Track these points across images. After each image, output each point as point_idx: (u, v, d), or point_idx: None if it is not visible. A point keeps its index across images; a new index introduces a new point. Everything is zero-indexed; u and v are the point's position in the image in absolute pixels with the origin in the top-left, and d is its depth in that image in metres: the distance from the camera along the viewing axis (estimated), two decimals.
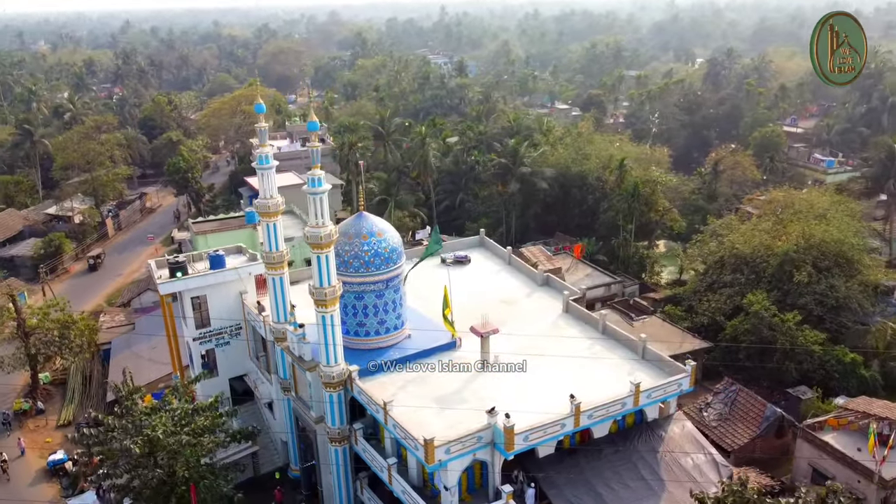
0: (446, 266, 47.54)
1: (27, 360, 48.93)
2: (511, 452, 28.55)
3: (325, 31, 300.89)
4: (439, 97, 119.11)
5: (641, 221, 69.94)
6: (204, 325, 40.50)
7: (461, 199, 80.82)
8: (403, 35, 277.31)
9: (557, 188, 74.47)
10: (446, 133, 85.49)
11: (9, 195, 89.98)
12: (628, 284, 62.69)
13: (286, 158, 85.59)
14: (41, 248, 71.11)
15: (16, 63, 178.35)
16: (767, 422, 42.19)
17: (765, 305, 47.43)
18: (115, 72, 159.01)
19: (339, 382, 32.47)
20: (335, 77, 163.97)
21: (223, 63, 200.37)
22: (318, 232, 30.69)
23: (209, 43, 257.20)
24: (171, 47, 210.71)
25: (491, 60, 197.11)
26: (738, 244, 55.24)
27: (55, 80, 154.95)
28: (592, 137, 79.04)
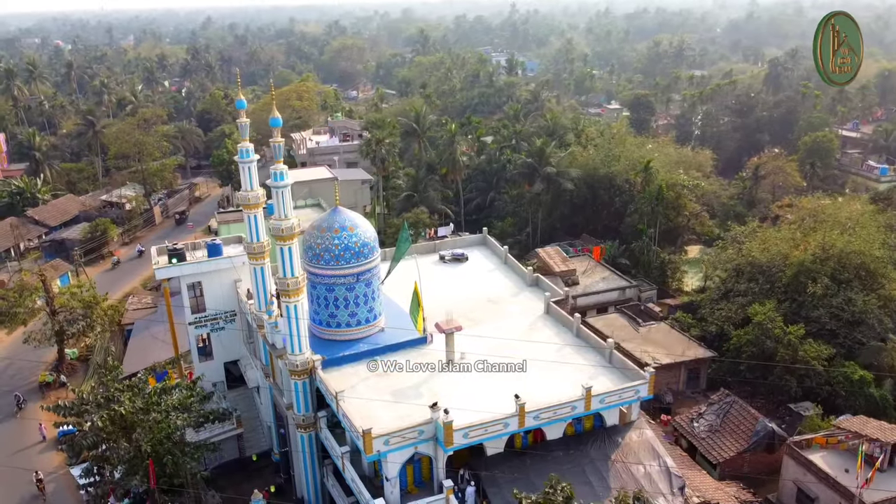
0: (444, 263, 48.20)
1: (54, 336, 52.23)
2: (450, 448, 28.91)
3: (395, 29, 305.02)
4: (486, 95, 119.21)
5: (668, 226, 68.46)
6: (199, 310, 42.37)
7: (492, 197, 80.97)
8: (471, 32, 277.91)
9: (585, 189, 73.64)
10: (481, 131, 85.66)
11: (71, 181, 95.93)
12: (645, 289, 61.54)
13: (324, 153, 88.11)
14: (88, 232, 75.50)
15: (98, 57, 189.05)
16: (757, 436, 40.90)
17: (769, 316, 45.80)
18: (184, 66, 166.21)
19: (304, 371, 33.50)
20: (394, 74, 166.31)
21: (290, 59, 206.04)
22: (279, 224, 31.83)
23: (282, 39, 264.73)
24: (243, 43, 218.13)
25: (552, 58, 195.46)
26: (755, 252, 53.44)
27: (130, 73, 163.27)
28: (624, 138, 77.55)
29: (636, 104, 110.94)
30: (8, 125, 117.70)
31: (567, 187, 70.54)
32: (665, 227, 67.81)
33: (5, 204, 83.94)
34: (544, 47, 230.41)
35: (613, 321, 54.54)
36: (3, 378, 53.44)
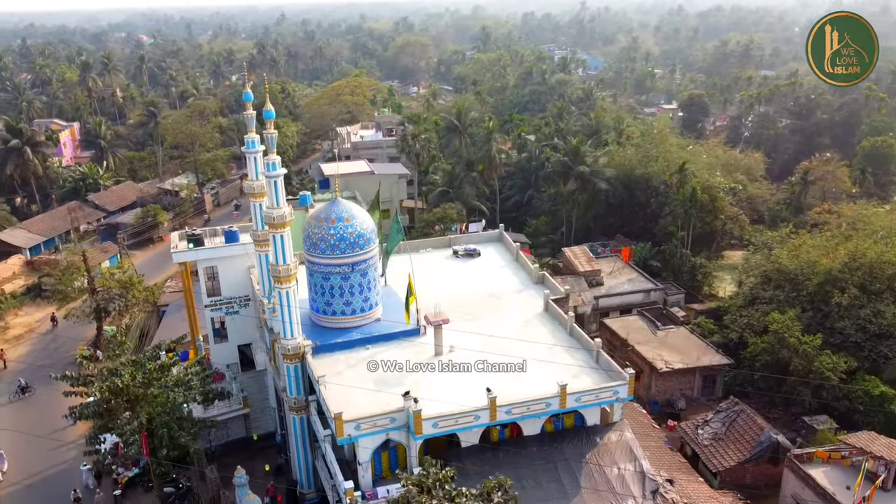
0: (457, 258, 48.67)
1: (93, 313, 55.45)
2: (420, 436, 29.49)
3: (463, 26, 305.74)
4: (537, 93, 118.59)
5: (704, 229, 66.89)
6: (215, 293, 44.23)
7: (529, 195, 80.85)
8: (537, 30, 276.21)
9: (621, 189, 72.74)
10: (522, 129, 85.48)
11: (133, 169, 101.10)
12: (672, 293, 60.40)
13: (367, 147, 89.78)
14: (140, 217, 79.50)
15: (174, 52, 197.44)
16: (760, 447, 39.78)
17: (786, 325, 44.33)
18: (250, 61, 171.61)
19: (296, 355, 34.65)
20: (452, 70, 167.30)
21: (354, 55, 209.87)
22: (271, 213, 33.06)
23: (351, 35, 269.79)
24: (311, 39, 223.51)
25: (616, 57, 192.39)
26: (784, 259, 51.73)
27: (201, 68, 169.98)
28: (665, 138, 75.95)
29: (689, 104, 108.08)
30: (82, 115, 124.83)
31: (601, 187, 69.77)
32: (700, 230, 66.27)
33: (70, 188, 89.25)
34: (610, 45, 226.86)
35: (631, 323, 53.85)
36: (48, 350, 57.21)
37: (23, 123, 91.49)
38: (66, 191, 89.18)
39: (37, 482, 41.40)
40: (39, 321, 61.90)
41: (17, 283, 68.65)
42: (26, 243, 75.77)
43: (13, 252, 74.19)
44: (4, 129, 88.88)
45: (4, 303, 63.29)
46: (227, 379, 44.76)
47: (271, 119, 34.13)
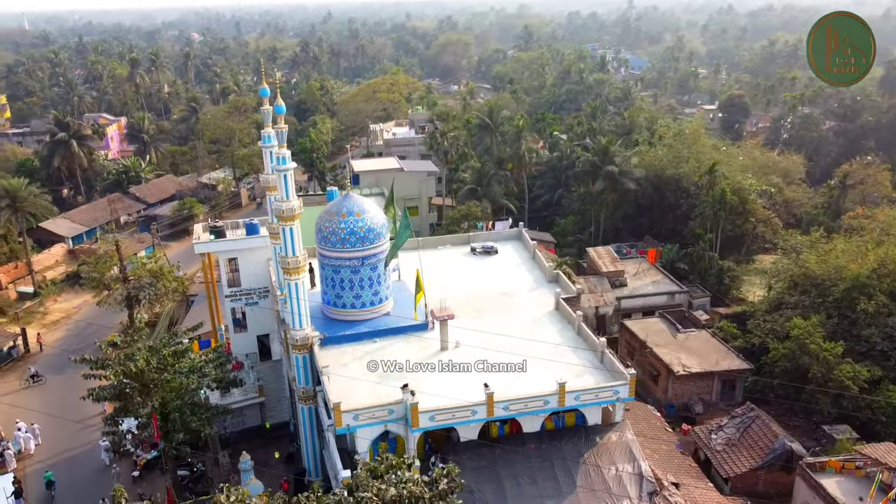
0: (474, 255, 48.92)
1: (124, 301, 57.30)
2: (417, 429, 29.86)
3: (507, 25, 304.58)
4: (574, 92, 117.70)
5: (734, 233, 65.65)
6: (235, 284, 45.38)
7: (559, 195, 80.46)
8: (582, 29, 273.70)
9: (651, 190, 71.85)
10: (555, 127, 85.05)
11: (175, 163, 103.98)
12: (698, 296, 59.45)
13: (399, 144, 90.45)
14: (177, 210, 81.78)
15: (221, 49, 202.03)
16: (773, 454, 38.93)
17: (807, 331, 43.29)
18: (293, 59, 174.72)
19: (304, 346, 35.38)
20: (493, 70, 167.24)
21: (397, 53, 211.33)
22: (280, 206, 33.82)
23: (395, 33, 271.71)
24: (355, 37, 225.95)
25: (661, 56, 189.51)
26: (811, 264, 50.46)
27: (246, 65, 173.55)
28: (697, 139, 74.66)
29: (729, 105, 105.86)
30: (130, 110, 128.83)
31: (629, 187, 69.05)
32: (730, 233, 65.05)
33: (113, 181, 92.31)
34: (656, 45, 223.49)
35: (652, 325, 53.23)
36: (82, 336, 59.35)
37: (70, 117, 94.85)
38: (110, 183, 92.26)
39: (63, 460, 43.16)
40: (76, 307, 64.32)
41: (59, 271, 71.41)
42: (69, 232, 78.70)
43: (56, 241, 77.16)
44: (53, 122, 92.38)
45: (45, 289, 65.94)
46: (246, 368, 45.89)
47: (281, 114, 34.87)
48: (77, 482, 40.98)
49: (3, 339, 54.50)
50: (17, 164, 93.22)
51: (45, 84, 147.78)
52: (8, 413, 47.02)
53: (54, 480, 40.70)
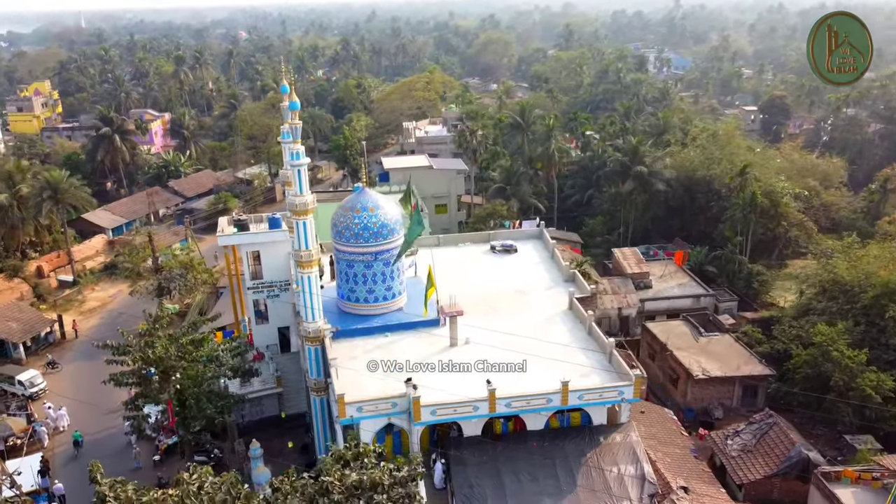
0: (493, 253, 49.06)
1: (155, 291, 59.09)
2: (419, 422, 30.22)
3: (551, 24, 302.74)
4: (611, 92, 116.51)
5: (766, 236, 64.34)
6: (258, 277, 46.38)
7: (590, 195, 79.89)
8: (626, 28, 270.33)
9: (681, 191, 70.87)
10: (587, 127, 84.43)
11: (214, 158, 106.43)
12: (725, 299, 58.42)
13: (431, 142, 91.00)
14: (212, 203, 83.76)
15: (265, 47, 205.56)
16: (789, 462, 38.16)
17: (831, 338, 42.27)
18: (333, 57, 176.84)
19: (316, 338, 35.99)
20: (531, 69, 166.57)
21: (437, 52, 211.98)
22: (294, 200, 34.51)
23: (437, 32, 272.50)
24: (396, 35, 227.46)
25: (705, 56, 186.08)
26: (841, 269, 49.22)
27: (287, 63, 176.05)
28: (731, 140, 73.28)
29: (769, 106, 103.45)
30: (174, 106, 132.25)
31: (659, 188, 68.22)
32: (762, 236, 63.77)
33: (153, 175, 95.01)
34: (701, 44, 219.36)
35: (674, 328, 52.56)
36: (115, 324, 60.79)
37: (114, 113, 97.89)
38: (150, 177, 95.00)
39: (89, 441, 44.74)
40: (112, 296, 66.49)
41: (98, 261, 73.89)
42: (109, 224, 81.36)
43: (98, 232, 79.85)
44: (97, 117, 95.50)
45: (83, 278, 68.35)
46: (266, 359, 46.89)
47: (296, 110, 35.52)
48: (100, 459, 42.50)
49: (40, 325, 56.71)
50: (65, 158, 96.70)
51: (95, 80, 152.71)
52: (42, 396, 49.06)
53: (81, 440, 43.77)
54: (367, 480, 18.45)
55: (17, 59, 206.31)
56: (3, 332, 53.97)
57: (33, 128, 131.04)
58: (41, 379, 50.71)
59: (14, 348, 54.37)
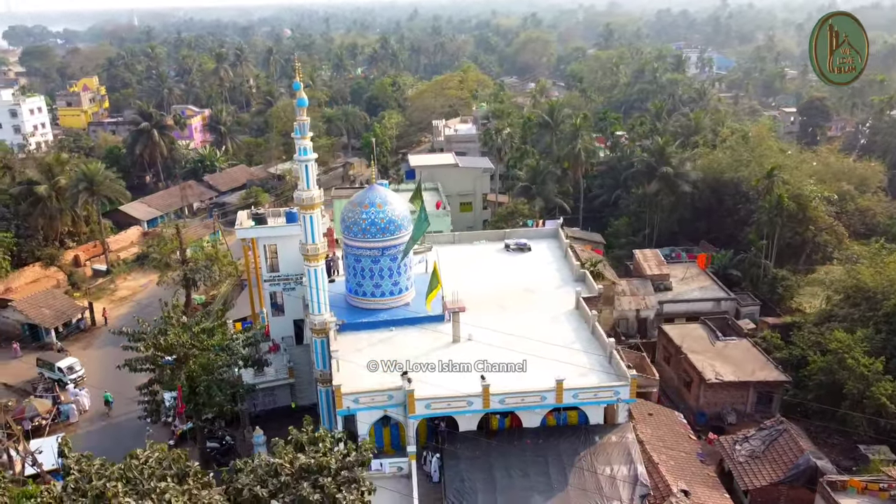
0: (507, 252, 49.23)
1: (182, 281, 60.75)
2: (413, 415, 30.67)
3: (594, 23, 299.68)
4: (646, 92, 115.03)
5: (794, 240, 62.94)
6: (274, 270, 47.44)
7: (617, 195, 79.21)
8: (670, 27, 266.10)
9: (709, 193, 69.82)
10: (616, 127, 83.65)
11: (249, 154, 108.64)
12: (746, 304, 57.42)
13: (460, 141, 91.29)
14: (244, 198, 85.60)
15: (306, 45, 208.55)
16: (796, 469, 37.51)
17: (848, 345, 41.33)
18: (371, 55, 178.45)
19: (322, 330, 36.78)
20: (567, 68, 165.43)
21: (476, 50, 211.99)
22: (301, 195, 35.27)
23: (478, 31, 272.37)
24: (437, 34, 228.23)
25: (749, 56, 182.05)
26: (864, 275, 48.01)
27: (327, 61, 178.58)
28: (762, 142, 71.78)
29: (808, 108, 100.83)
30: (215, 102, 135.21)
31: (685, 189, 67.31)
32: (789, 240, 62.42)
33: (189, 169, 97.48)
34: (747, 44, 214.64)
35: (690, 331, 51.95)
36: (143, 313, 62.76)
37: (154, 108, 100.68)
38: (187, 171, 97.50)
39: (110, 425, 46.47)
40: (143, 286, 68.58)
41: (132, 252, 76.25)
42: (145, 216, 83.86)
43: (134, 223, 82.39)
44: (137, 112, 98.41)
45: (116, 268, 70.65)
46: (282, 350, 47.93)
47: (303, 107, 36.26)
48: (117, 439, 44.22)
49: (72, 312, 58.90)
50: (107, 151, 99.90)
51: (141, 77, 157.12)
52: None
53: (112, 400, 47.17)
54: (315, 464, 18.97)
55: (70, 55, 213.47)
56: (37, 317, 56.22)
57: (81, 122, 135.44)
58: (80, 366, 52.45)
59: (46, 333, 56.57)
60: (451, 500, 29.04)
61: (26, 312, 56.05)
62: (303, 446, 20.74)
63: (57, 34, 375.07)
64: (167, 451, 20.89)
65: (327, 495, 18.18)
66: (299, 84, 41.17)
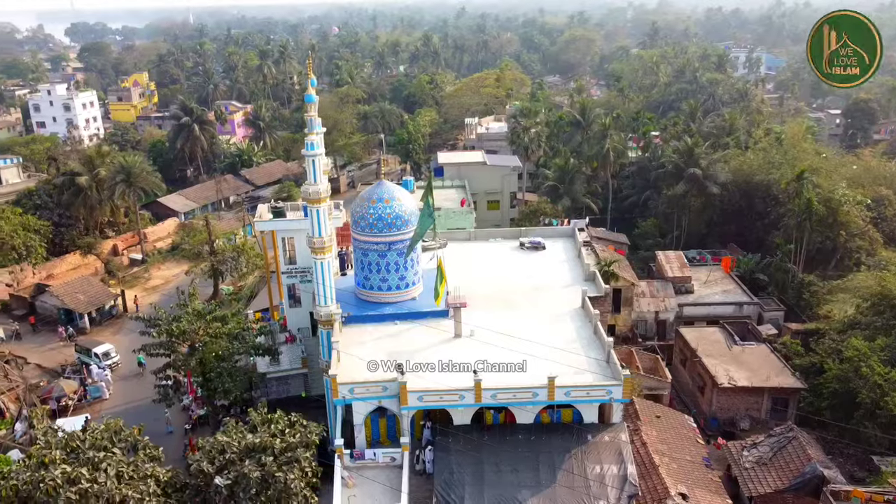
0: (522, 250, 49.40)
1: (210, 272, 62.62)
2: (405, 407, 31.23)
3: (643, 21, 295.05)
4: (685, 91, 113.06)
5: (825, 245, 61.38)
6: (292, 262, 48.55)
7: (647, 196, 78.35)
8: (721, 26, 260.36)
9: (739, 196, 68.53)
10: (649, 127, 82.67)
11: (287, 149, 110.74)
12: (770, 309, 56.30)
13: (491, 139, 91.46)
14: (277, 192, 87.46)
15: (351, 43, 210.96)
16: (802, 478, 36.77)
17: (864, 353, 40.26)
18: (413, 53, 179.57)
19: (327, 321, 37.59)
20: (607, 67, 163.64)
21: (520, 49, 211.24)
22: (308, 189, 36.14)
23: (524, 29, 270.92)
24: (480, 31, 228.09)
25: (801, 56, 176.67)
26: (891, 283, 46.60)
27: (370, 59, 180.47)
28: (796, 143, 70.02)
29: (853, 110, 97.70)
30: (258, 98, 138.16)
31: (713, 191, 66.21)
32: (819, 245, 60.90)
33: (228, 163, 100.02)
34: (799, 44, 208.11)
35: (708, 335, 51.28)
36: (173, 301, 65.37)
37: (194, 104, 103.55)
38: (225, 165, 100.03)
39: (131, 408, 48.27)
40: (175, 275, 70.79)
41: (168, 242, 78.77)
42: (182, 208, 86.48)
43: (171, 215, 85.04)
44: (179, 108, 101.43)
45: (151, 258, 73.13)
46: (297, 341, 49.05)
47: (311, 103, 37.06)
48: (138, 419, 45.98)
49: (105, 298, 61.30)
50: (150, 145, 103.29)
51: (189, 73, 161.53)
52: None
53: (144, 363, 49.75)
54: (260, 443, 19.67)
55: (125, 52, 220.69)
56: (71, 302, 58.71)
57: (130, 116, 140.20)
58: (115, 352, 54.42)
59: (80, 318, 59.03)
60: (438, 490, 29.50)
61: (62, 298, 58.58)
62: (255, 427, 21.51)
63: (116, 31, 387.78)
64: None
65: (268, 473, 18.91)
66: (315, 80, 42.25)
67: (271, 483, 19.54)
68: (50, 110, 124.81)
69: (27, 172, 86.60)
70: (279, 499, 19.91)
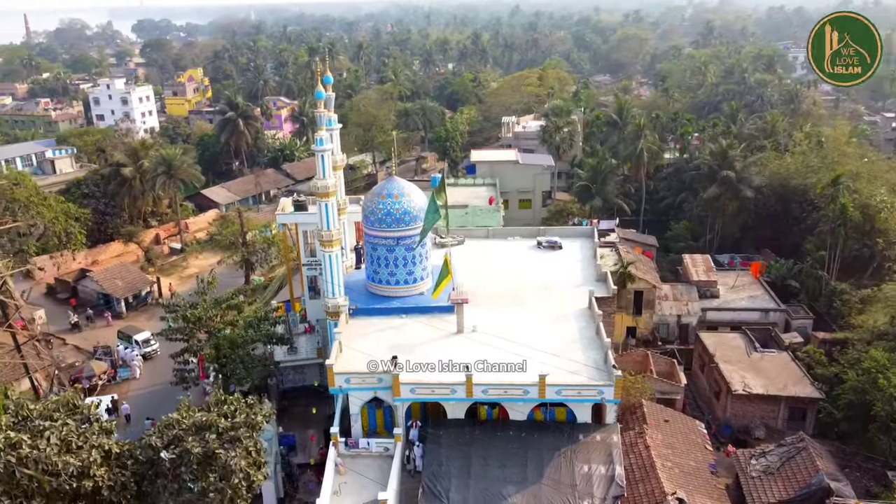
0: (538, 249, 49.46)
1: (241, 263, 64.55)
2: (398, 398, 31.87)
3: (701, 20, 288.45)
4: (732, 92, 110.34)
5: (863, 253, 59.42)
6: (313, 255, 49.72)
7: (682, 198, 77.06)
8: (782, 25, 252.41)
9: (774, 200, 66.83)
10: (687, 129, 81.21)
11: None
12: (798, 316, 54.88)
13: (528, 137, 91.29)
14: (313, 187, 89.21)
15: (402, 41, 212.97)
16: (808, 489, 35.89)
17: (882, 365, 39.01)
18: (461, 51, 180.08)
19: (335, 313, 38.55)
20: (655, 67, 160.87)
21: (570, 47, 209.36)
22: (316, 183, 37.11)
23: (578, 28, 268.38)
24: (532, 30, 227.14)
25: None
26: None
27: (419, 56, 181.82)
28: (837, 147, 67.77)
29: None
30: (304, 94, 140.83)
31: (746, 195, 64.75)
32: (856, 252, 58.97)
33: (271, 158, 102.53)
34: None
35: (728, 340, 50.34)
36: None
37: (239, 99, 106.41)
38: (268, 159, 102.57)
39: (156, 389, 50.30)
40: (211, 265, 73.11)
41: (207, 233, 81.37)
42: (224, 200, 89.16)
43: (214, 207, 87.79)
44: (225, 102, 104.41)
45: (189, 247, 75.73)
46: (316, 332, 50.24)
47: (321, 99, 37.96)
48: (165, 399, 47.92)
49: (141, 285, 63.88)
50: (199, 138, 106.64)
51: (242, 69, 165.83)
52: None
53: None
54: (206, 421, 20.55)
55: (185, 48, 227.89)
56: (110, 287, 61.44)
57: (184, 110, 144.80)
58: (154, 340, 56.33)
59: (117, 302, 61.70)
60: (425, 482, 30.04)
61: (101, 283, 61.36)
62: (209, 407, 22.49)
63: (181, 28, 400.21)
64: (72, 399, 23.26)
65: (209, 450, 19.81)
66: (331, 78, 43.32)
67: (213, 460, 20.51)
68: (109, 104, 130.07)
69: (80, 163, 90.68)
70: (222, 476, 20.87)
